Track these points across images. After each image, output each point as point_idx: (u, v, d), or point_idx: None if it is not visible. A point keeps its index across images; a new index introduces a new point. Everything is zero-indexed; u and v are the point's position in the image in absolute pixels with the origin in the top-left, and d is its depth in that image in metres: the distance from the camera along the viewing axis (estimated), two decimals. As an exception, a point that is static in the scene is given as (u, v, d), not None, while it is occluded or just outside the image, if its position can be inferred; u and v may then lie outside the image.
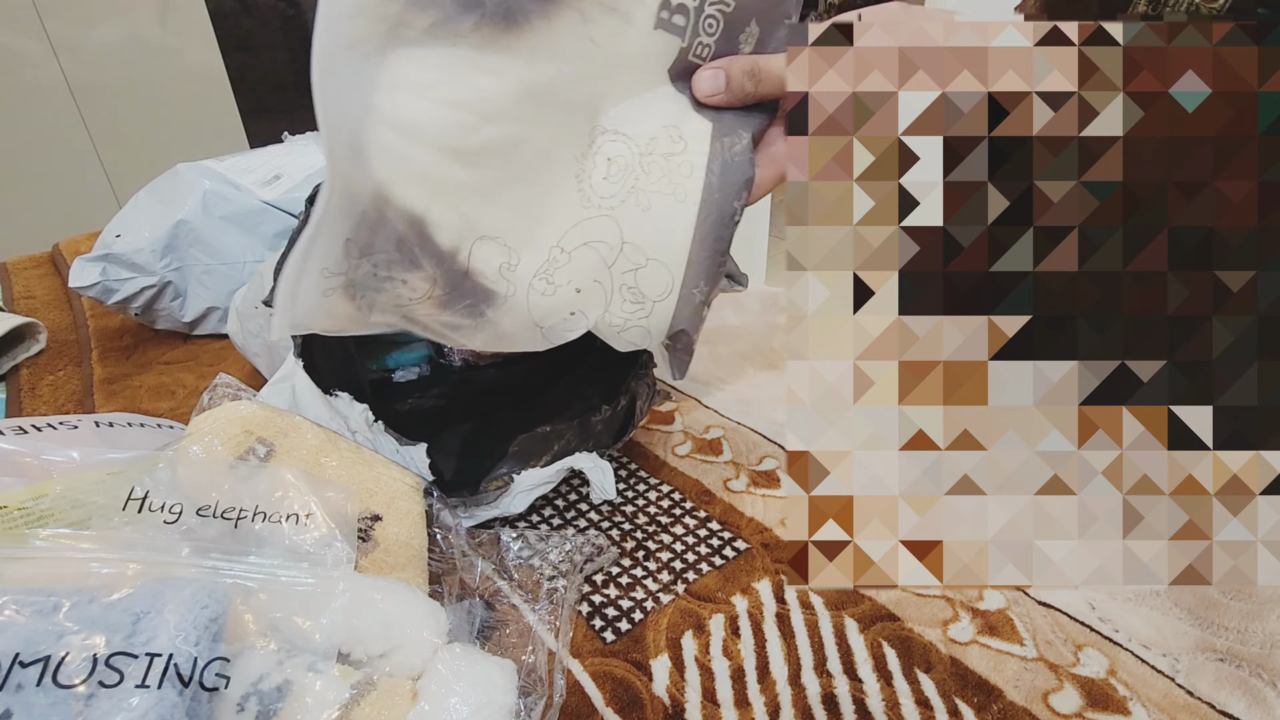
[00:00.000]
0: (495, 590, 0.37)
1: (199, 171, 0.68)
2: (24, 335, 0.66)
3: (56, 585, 0.24)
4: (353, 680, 0.26)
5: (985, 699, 0.31)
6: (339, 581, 0.28)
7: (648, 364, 0.46)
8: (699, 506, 0.44)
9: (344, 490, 0.33)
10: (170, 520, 0.29)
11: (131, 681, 0.21)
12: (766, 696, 0.32)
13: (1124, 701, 0.31)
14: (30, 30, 1.60)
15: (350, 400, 0.39)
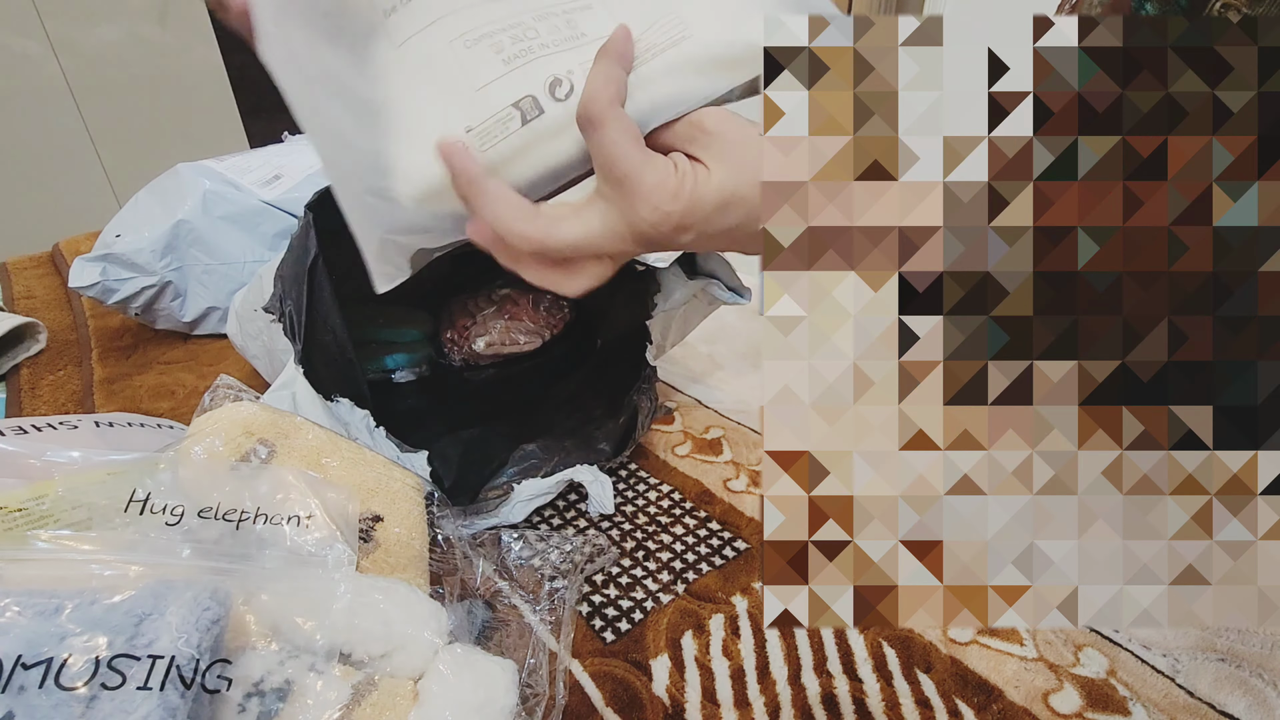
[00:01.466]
0: (496, 590, 0.37)
1: (199, 171, 0.68)
2: (24, 335, 0.66)
3: (59, 587, 0.24)
4: (354, 680, 0.26)
5: (985, 699, 0.31)
6: (340, 582, 0.28)
7: (650, 378, 0.46)
8: (699, 506, 0.44)
9: (345, 491, 0.33)
10: (172, 522, 0.29)
11: (133, 683, 0.21)
12: (766, 696, 0.32)
13: (1124, 701, 0.31)
14: (30, 30, 1.60)
15: (351, 406, 0.39)
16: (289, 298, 0.40)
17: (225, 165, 0.70)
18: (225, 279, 0.65)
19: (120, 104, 1.75)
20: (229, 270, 0.65)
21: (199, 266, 0.65)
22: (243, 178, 0.68)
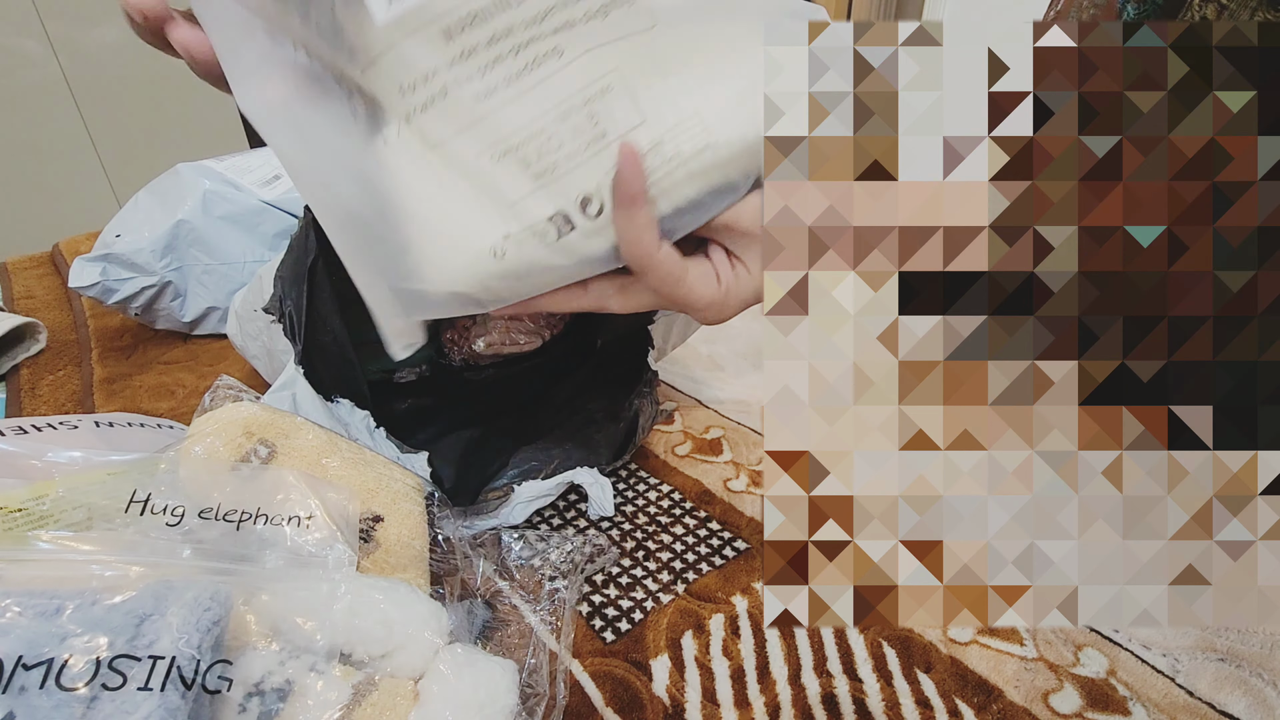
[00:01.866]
0: (496, 591, 0.37)
1: (199, 171, 0.68)
2: (24, 335, 0.66)
3: (59, 587, 0.24)
4: (354, 681, 0.26)
5: (985, 699, 0.31)
6: (341, 583, 0.28)
7: (651, 381, 0.46)
8: (699, 506, 0.44)
9: (345, 491, 0.33)
10: (173, 523, 0.29)
11: (134, 684, 0.21)
12: (766, 696, 0.32)
13: (1124, 701, 0.31)
14: (30, 30, 1.60)
15: (351, 407, 0.39)
16: (289, 298, 0.40)
17: (225, 165, 0.70)
18: (225, 279, 0.65)
19: (120, 104, 1.75)
20: (229, 270, 0.65)
21: (199, 266, 0.65)
22: (243, 178, 0.68)
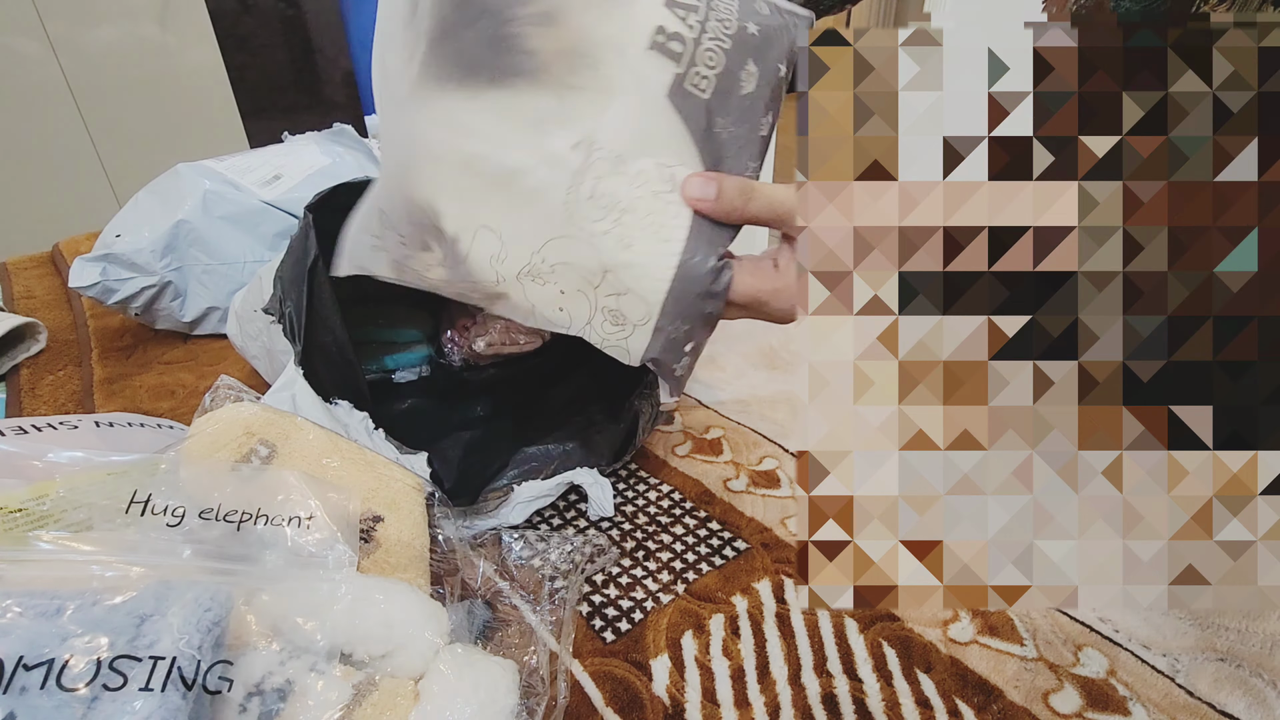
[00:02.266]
0: (497, 591, 0.37)
1: (199, 171, 0.68)
2: (24, 335, 0.66)
3: (60, 588, 0.24)
4: (354, 681, 0.26)
5: (985, 699, 0.31)
6: (341, 583, 0.28)
7: (652, 384, 0.46)
8: (699, 506, 0.44)
9: (345, 491, 0.33)
10: (173, 523, 0.29)
11: (135, 685, 0.21)
12: (766, 696, 0.32)
13: (1124, 701, 0.31)
14: (30, 30, 1.60)
15: (350, 408, 0.39)
16: (289, 299, 0.40)
17: (225, 165, 0.70)
18: (225, 279, 0.65)
19: (120, 104, 1.75)
20: (229, 270, 0.65)
21: (199, 266, 0.65)
22: (243, 178, 0.68)
